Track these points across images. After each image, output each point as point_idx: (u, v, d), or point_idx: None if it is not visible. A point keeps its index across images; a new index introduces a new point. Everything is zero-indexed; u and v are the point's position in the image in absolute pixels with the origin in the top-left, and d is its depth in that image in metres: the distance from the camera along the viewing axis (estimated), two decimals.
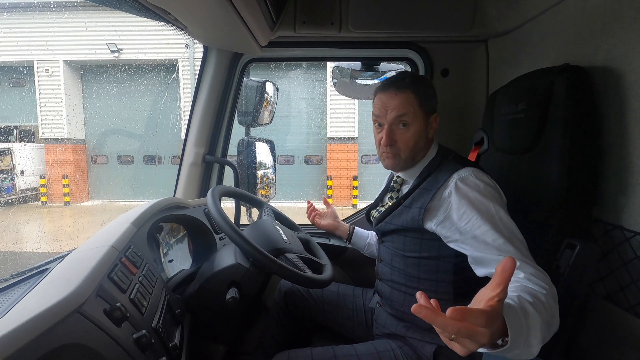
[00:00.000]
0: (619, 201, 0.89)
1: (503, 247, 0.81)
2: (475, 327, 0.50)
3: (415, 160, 1.04)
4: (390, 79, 1.02)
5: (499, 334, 0.56)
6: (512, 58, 1.34)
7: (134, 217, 0.94)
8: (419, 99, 0.98)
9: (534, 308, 0.63)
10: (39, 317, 0.52)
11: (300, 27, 1.39)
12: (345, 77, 1.75)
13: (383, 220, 1.07)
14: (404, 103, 0.97)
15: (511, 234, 0.83)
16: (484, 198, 0.87)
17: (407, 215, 0.99)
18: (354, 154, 9.68)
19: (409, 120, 0.98)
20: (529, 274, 0.74)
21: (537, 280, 0.73)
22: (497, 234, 0.83)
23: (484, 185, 0.89)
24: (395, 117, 0.98)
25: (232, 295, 0.94)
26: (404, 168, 1.05)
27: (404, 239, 1.03)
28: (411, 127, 0.98)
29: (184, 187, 1.54)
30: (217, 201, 1.05)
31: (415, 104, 0.98)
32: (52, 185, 9.15)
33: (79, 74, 9.48)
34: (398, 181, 1.12)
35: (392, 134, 0.99)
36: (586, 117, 0.92)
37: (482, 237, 0.84)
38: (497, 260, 0.80)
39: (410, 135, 0.99)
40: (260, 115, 1.61)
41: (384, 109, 0.99)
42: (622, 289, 0.86)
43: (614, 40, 0.90)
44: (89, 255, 0.73)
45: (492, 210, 0.86)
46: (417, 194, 0.99)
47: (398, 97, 0.98)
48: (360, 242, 1.37)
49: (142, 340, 0.67)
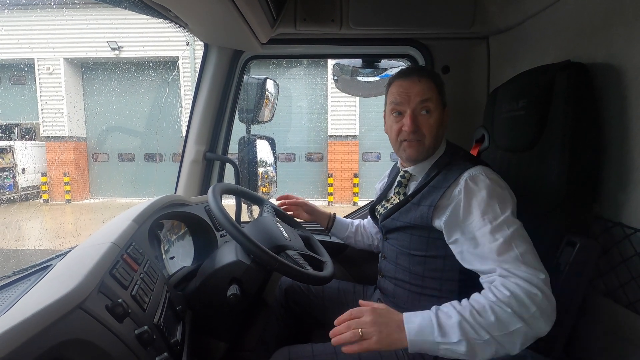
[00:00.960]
0: (619, 198, 0.89)
1: (501, 248, 0.80)
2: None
3: (435, 151, 1.02)
4: (409, 67, 1.02)
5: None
6: (513, 55, 1.34)
7: (135, 214, 0.94)
8: (438, 88, 0.99)
9: (456, 310, 0.75)
10: (41, 312, 0.52)
11: (301, 24, 1.39)
12: (346, 75, 1.75)
13: (390, 216, 1.06)
14: (427, 89, 0.97)
15: (513, 236, 0.81)
16: (491, 199, 0.86)
17: (416, 212, 0.97)
18: (355, 152, 9.67)
19: (432, 106, 0.97)
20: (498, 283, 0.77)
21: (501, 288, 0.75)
22: (497, 235, 0.82)
23: (493, 185, 0.88)
24: (419, 101, 0.96)
25: (233, 292, 0.94)
26: (425, 158, 1.03)
27: (411, 237, 1.01)
28: (434, 114, 0.97)
29: (185, 185, 1.54)
30: (217, 198, 1.05)
31: (436, 92, 0.98)
32: (54, 182, 9.17)
33: (79, 72, 9.48)
34: (406, 176, 1.10)
35: (415, 120, 0.97)
36: (587, 114, 0.92)
37: (481, 239, 0.84)
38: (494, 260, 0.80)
39: (433, 122, 0.97)
40: (261, 113, 1.61)
41: (406, 95, 0.97)
42: (622, 285, 0.86)
43: (616, 36, 0.89)
44: (91, 251, 0.73)
45: (498, 210, 0.85)
46: (426, 191, 0.97)
47: (421, 82, 0.97)
48: (340, 233, 1.37)
49: (144, 336, 0.68)
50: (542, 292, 0.74)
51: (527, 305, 0.73)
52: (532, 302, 0.73)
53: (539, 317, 0.73)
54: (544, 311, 0.73)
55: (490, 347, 0.72)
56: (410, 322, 0.76)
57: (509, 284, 0.75)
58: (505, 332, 0.72)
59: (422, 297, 1.01)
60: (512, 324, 0.72)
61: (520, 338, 0.73)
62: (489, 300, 0.75)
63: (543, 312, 0.73)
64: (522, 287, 0.74)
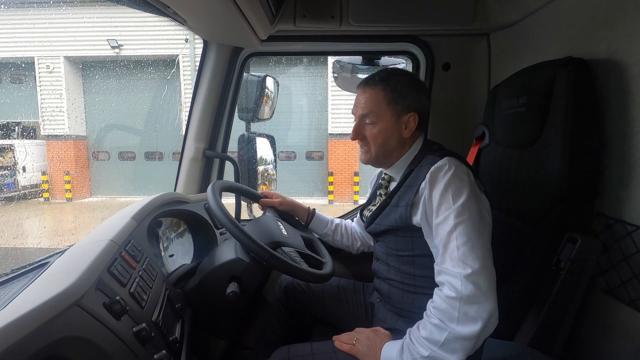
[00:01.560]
0: (620, 195, 0.88)
1: (445, 240, 0.84)
2: None
3: (389, 158, 1.04)
4: (367, 76, 1.05)
5: None
6: (514, 52, 1.33)
7: (134, 212, 0.94)
8: (389, 97, 0.98)
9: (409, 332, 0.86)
10: (38, 309, 0.52)
11: (301, 20, 1.38)
12: (346, 72, 1.74)
13: (373, 222, 1.07)
14: (369, 101, 1.00)
15: (456, 227, 0.82)
16: (447, 189, 0.86)
17: (396, 214, 0.99)
18: (355, 150, 9.65)
19: (374, 119, 1.00)
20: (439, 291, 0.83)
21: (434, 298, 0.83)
22: (444, 226, 0.84)
23: (453, 175, 0.88)
24: (360, 115, 1.02)
25: (232, 290, 0.94)
26: (377, 164, 1.07)
27: (395, 238, 1.02)
28: (377, 125, 1.00)
29: (185, 182, 1.54)
30: (217, 196, 1.04)
31: (383, 103, 0.98)
32: (54, 181, 9.18)
33: (79, 70, 9.47)
34: (386, 178, 1.13)
35: (359, 129, 1.03)
36: (588, 111, 0.91)
37: (435, 230, 0.87)
38: (440, 253, 0.85)
39: (377, 132, 1.00)
40: (261, 110, 1.61)
41: (354, 106, 1.04)
42: (623, 283, 0.86)
43: (617, 32, 0.89)
44: (89, 249, 0.73)
45: (450, 201, 0.85)
46: (402, 191, 0.99)
47: (366, 93, 1.01)
48: (318, 229, 1.36)
49: (142, 334, 0.67)
50: (461, 295, 0.77)
51: (448, 312, 0.78)
52: (453, 308, 0.77)
53: (464, 320, 0.76)
54: (467, 313, 0.76)
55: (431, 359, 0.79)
56: (386, 349, 0.88)
57: (437, 293, 0.83)
58: (440, 343, 0.77)
59: (417, 295, 1.01)
60: (442, 334, 0.78)
61: (457, 345, 0.77)
62: (426, 314, 0.84)
63: (467, 314, 0.76)
64: (444, 295, 0.79)
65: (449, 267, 0.81)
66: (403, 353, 0.83)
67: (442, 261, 0.84)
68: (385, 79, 1.00)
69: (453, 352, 0.77)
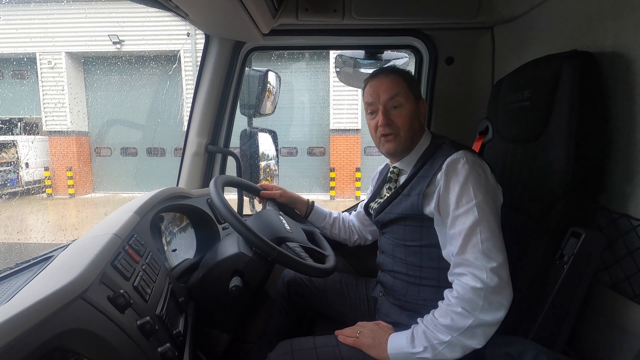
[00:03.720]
0: (625, 189, 0.88)
1: (468, 232, 0.85)
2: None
3: (413, 143, 1.06)
4: (377, 69, 1.10)
5: None
6: (519, 45, 1.32)
7: (137, 206, 0.94)
8: (407, 82, 1.03)
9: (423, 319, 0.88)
10: (42, 302, 0.52)
11: (303, 14, 1.37)
12: (348, 66, 1.73)
13: (383, 210, 1.07)
14: (394, 84, 1.02)
15: (480, 221, 0.85)
16: (467, 181, 0.89)
17: (407, 202, 1.00)
18: (357, 146, 9.64)
19: (402, 100, 1.01)
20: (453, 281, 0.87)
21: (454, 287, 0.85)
22: (467, 218, 0.86)
23: (471, 168, 0.90)
24: (388, 98, 1.01)
25: (235, 284, 0.94)
26: (403, 151, 1.06)
27: (404, 228, 1.03)
28: (405, 107, 1.02)
29: (187, 177, 1.54)
30: (219, 190, 1.05)
31: (404, 86, 1.02)
32: (57, 177, 9.21)
33: (81, 66, 9.47)
34: (395, 172, 1.12)
35: (387, 114, 1.02)
36: (593, 105, 0.90)
37: (454, 221, 0.88)
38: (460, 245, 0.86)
39: (405, 114, 1.02)
40: (263, 105, 1.60)
41: (375, 94, 1.03)
42: (627, 277, 0.85)
43: (624, 24, 0.87)
44: (93, 243, 0.73)
45: (472, 194, 0.87)
46: (415, 182, 1.00)
47: (388, 79, 1.03)
48: (317, 222, 1.37)
49: (146, 327, 0.68)
50: (487, 285, 0.80)
51: (473, 301, 0.81)
52: (479, 297, 0.80)
53: (488, 308, 0.80)
54: (492, 302, 0.80)
55: (455, 347, 0.82)
56: (392, 339, 0.90)
57: (459, 283, 0.84)
58: (461, 330, 0.81)
59: (421, 287, 1.02)
60: (465, 321, 0.81)
61: (479, 330, 0.81)
62: (446, 303, 0.86)
63: (491, 303, 0.80)
64: (467, 284, 0.82)
65: (472, 259, 0.83)
66: (414, 340, 0.85)
67: (463, 252, 0.85)
68: (396, 70, 1.07)
69: (473, 337, 0.81)
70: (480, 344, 0.82)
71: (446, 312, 0.84)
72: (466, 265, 0.85)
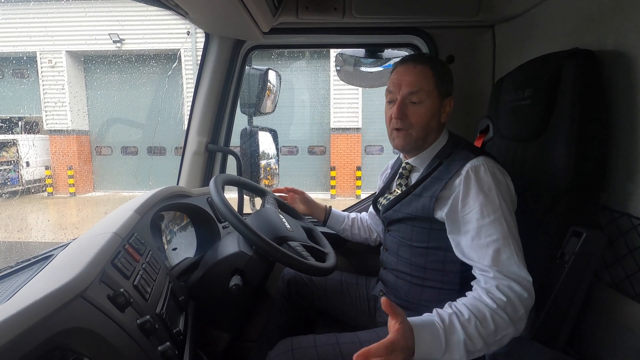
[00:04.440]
0: (626, 188, 0.87)
1: (497, 244, 0.82)
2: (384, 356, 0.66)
3: (426, 142, 1.01)
4: (412, 54, 1.01)
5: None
6: (520, 43, 1.31)
7: (137, 205, 0.94)
8: (436, 76, 0.97)
9: (461, 325, 0.74)
10: (42, 301, 0.52)
11: (303, 12, 1.37)
12: (348, 65, 1.72)
13: (391, 208, 1.05)
14: (420, 78, 0.96)
15: (510, 233, 0.83)
16: (490, 191, 0.86)
17: (418, 204, 0.97)
18: (358, 145, 9.64)
19: (423, 97, 0.96)
20: (493, 286, 0.79)
21: (497, 294, 0.78)
22: (494, 229, 0.83)
23: (494, 177, 0.88)
24: (408, 92, 0.96)
25: (235, 283, 0.94)
26: (414, 149, 1.03)
27: (412, 228, 1.01)
28: (424, 104, 0.96)
29: (187, 176, 1.54)
30: (220, 190, 1.04)
31: (432, 81, 0.96)
32: (57, 176, 9.22)
33: (81, 65, 9.46)
34: (407, 168, 1.09)
35: (403, 108, 0.97)
36: (595, 103, 0.90)
37: (479, 231, 0.85)
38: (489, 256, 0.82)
39: (423, 112, 0.96)
40: (263, 104, 1.60)
41: (397, 84, 0.98)
42: (628, 276, 0.85)
43: (626, 22, 0.87)
44: (93, 242, 0.73)
45: (497, 203, 0.85)
46: (428, 182, 0.97)
47: (415, 70, 0.96)
48: (336, 225, 1.38)
49: (146, 326, 0.68)
50: (528, 294, 0.79)
51: (517, 309, 0.77)
52: (522, 305, 0.77)
53: (524, 318, 0.78)
54: (527, 313, 0.78)
55: (481, 352, 0.77)
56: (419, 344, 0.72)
57: (504, 288, 0.79)
58: (498, 337, 0.76)
59: (424, 288, 1.01)
60: (505, 329, 0.76)
61: (507, 339, 0.78)
62: (489, 307, 0.77)
63: (526, 313, 0.78)
64: (515, 291, 0.78)
65: (514, 272, 0.80)
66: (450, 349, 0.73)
67: (497, 264, 0.81)
68: (430, 58, 1.00)
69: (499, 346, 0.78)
70: (495, 350, 0.79)
71: (492, 318, 0.76)
72: (507, 275, 0.80)
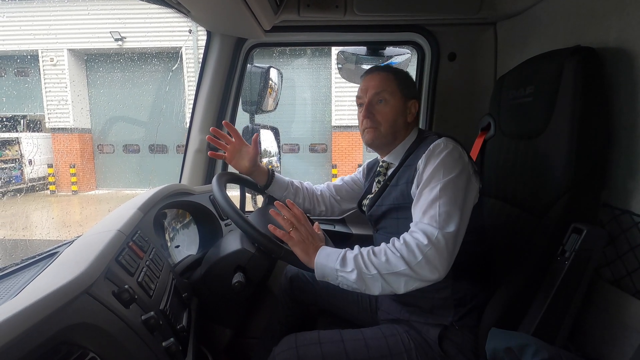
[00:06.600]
0: (628, 186, 0.87)
1: (427, 205, 0.89)
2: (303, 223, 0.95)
3: (396, 139, 1.08)
4: (375, 66, 1.12)
5: None
6: (521, 41, 1.31)
7: (140, 203, 0.95)
8: (398, 80, 1.06)
9: (359, 251, 0.89)
10: (48, 297, 0.53)
11: (305, 10, 1.37)
12: (350, 63, 1.72)
13: (374, 204, 1.08)
14: (383, 81, 1.05)
15: (442, 197, 0.88)
16: (441, 164, 0.92)
17: (396, 192, 1.02)
18: (359, 142, 9.62)
19: (387, 96, 1.04)
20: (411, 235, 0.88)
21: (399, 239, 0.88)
22: (430, 194, 0.90)
23: (447, 153, 0.93)
24: (374, 94, 1.05)
25: (238, 280, 0.95)
26: (384, 144, 1.09)
27: (397, 221, 1.03)
28: (389, 103, 1.05)
29: (190, 174, 1.54)
30: (222, 187, 1.05)
31: (394, 84, 1.05)
32: (60, 174, 9.26)
33: (83, 63, 9.47)
34: (384, 165, 1.14)
35: (370, 108, 1.06)
36: (596, 100, 0.90)
37: (419, 197, 0.92)
38: (419, 215, 0.90)
39: (388, 110, 1.05)
40: (265, 102, 1.60)
41: (364, 89, 1.07)
42: (629, 273, 0.86)
43: (628, 20, 0.87)
44: (97, 239, 0.74)
45: (441, 175, 0.91)
46: (401, 171, 1.03)
47: (379, 75, 1.06)
48: (278, 192, 1.30)
49: (151, 322, 0.69)
50: (432, 245, 0.83)
51: (414, 253, 0.84)
52: (420, 252, 0.83)
53: (424, 265, 0.83)
54: (429, 261, 0.83)
55: (377, 282, 0.85)
56: (323, 250, 0.91)
57: (408, 236, 0.87)
58: (391, 271, 0.84)
59: None
60: (398, 265, 0.84)
61: (404, 279, 0.84)
62: (387, 245, 0.88)
63: (428, 261, 0.83)
64: (415, 239, 0.85)
65: (427, 222, 0.87)
66: (345, 261, 0.87)
67: (421, 218, 0.88)
68: (390, 68, 1.10)
69: (396, 283, 0.85)
70: (398, 291, 0.85)
71: (384, 252, 0.86)
72: (422, 225, 0.87)
